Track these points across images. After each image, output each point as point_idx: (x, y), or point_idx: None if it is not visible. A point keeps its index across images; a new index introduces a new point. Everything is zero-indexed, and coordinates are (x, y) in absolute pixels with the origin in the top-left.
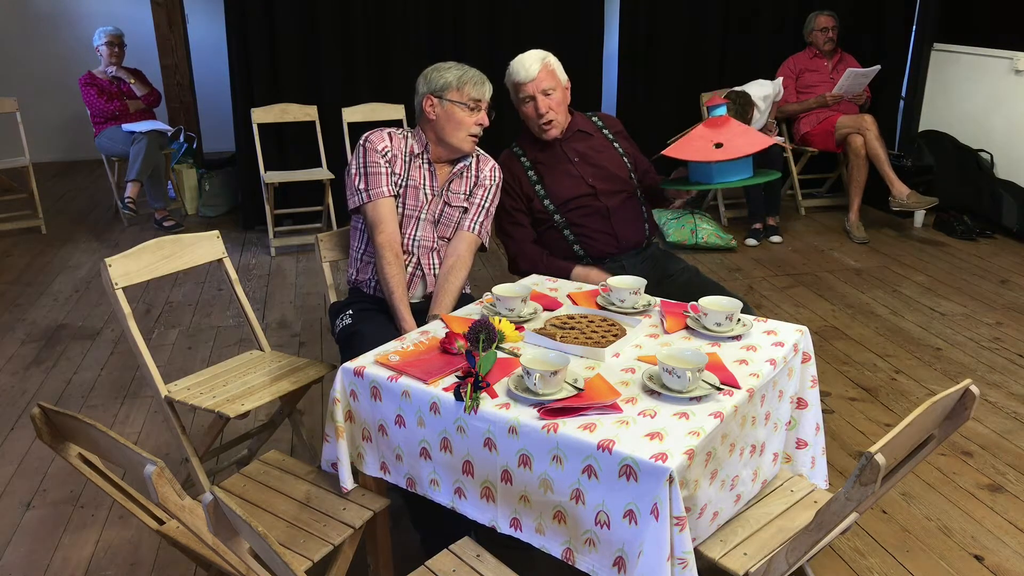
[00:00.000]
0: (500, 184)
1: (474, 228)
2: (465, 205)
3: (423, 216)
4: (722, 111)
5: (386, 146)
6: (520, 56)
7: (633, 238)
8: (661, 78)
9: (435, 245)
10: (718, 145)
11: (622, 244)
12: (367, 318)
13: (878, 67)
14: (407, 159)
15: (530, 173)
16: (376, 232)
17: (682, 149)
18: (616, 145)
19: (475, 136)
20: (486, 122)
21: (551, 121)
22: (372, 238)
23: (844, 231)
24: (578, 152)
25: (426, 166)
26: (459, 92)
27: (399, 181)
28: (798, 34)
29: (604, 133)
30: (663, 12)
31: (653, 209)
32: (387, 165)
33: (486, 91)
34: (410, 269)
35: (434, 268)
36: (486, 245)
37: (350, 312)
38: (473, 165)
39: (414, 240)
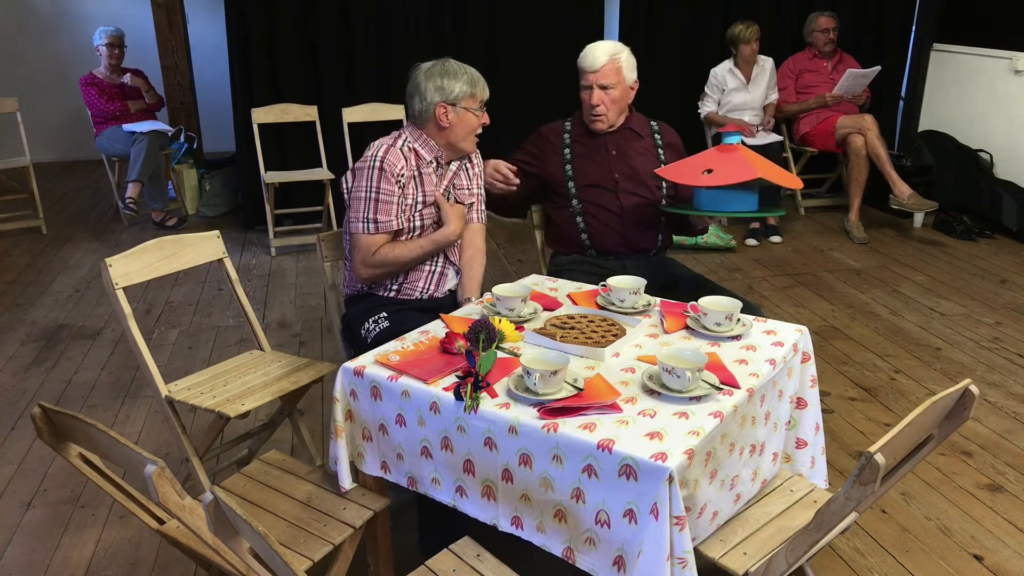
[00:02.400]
0: (482, 165)
1: (480, 218)
2: (473, 200)
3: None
4: (736, 139)
5: (402, 167)
6: (596, 43)
7: (641, 243)
8: (661, 78)
9: (458, 239)
10: (708, 171)
11: (628, 245)
12: (407, 318)
13: (878, 68)
14: (417, 174)
15: (566, 151)
16: (372, 254)
17: (673, 171)
18: (661, 155)
19: (478, 136)
20: (488, 120)
21: (600, 115)
22: (368, 258)
23: (844, 231)
24: (618, 147)
25: (439, 169)
26: (473, 98)
27: (412, 204)
28: (798, 34)
29: (655, 139)
30: (663, 12)
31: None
32: (400, 190)
33: (488, 92)
34: (439, 268)
35: (458, 261)
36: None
37: (384, 315)
38: (466, 158)
39: None
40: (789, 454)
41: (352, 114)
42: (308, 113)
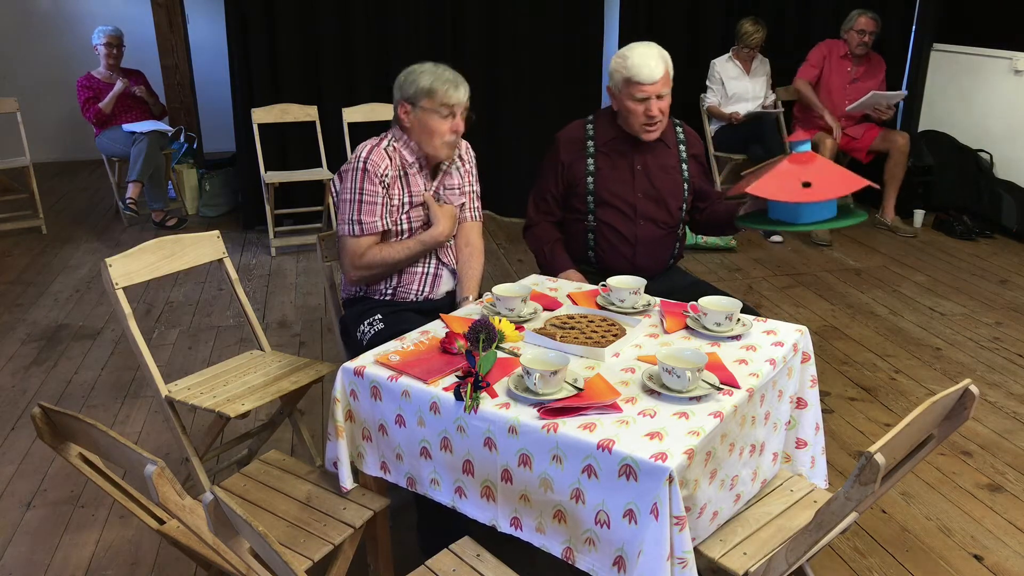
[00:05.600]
0: (474, 159)
1: (475, 216)
2: (464, 199)
3: (430, 220)
4: (806, 147)
5: (386, 167)
6: (641, 51)
7: (649, 270)
8: None
9: (450, 239)
10: (806, 184)
11: (636, 271)
12: (403, 319)
13: (905, 92)
14: (403, 175)
15: (589, 161)
16: (360, 256)
17: (767, 187)
18: (684, 167)
19: (451, 144)
20: (461, 128)
21: (657, 124)
22: (356, 260)
23: (883, 229)
24: (644, 163)
25: (423, 171)
26: (431, 99)
27: (399, 205)
28: (799, 34)
29: (680, 150)
30: (663, 12)
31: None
32: (384, 191)
33: (461, 95)
34: (431, 270)
35: (452, 262)
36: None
37: (379, 316)
38: (456, 156)
39: None
40: (789, 454)
41: (352, 114)
42: (308, 113)
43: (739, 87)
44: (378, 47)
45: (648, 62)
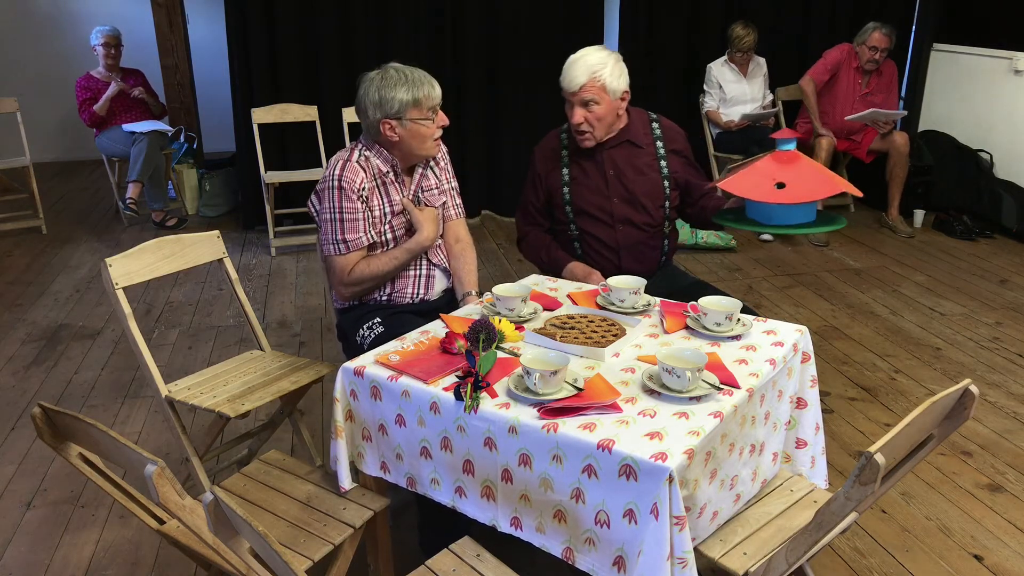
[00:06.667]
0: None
1: (459, 212)
2: (444, 198)
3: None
4: (791, 146)
5: (362, 180)
6: (575, 59)
7: (638, 272)
8: (661, 78)
9: (436, 242)
10: (780, 185)
11: (626, 274)
12: (402, 320)
13: (904, 112)
14: (380, 184)
15: (564, 171)
16: (348, 273)
17: (739, 184)
18: (663, 164)
19: (438, 138)
20: (447, 121)
21: (584, 134)
22: (345, 278)
23: (886, 229)
24: (616, 165)
25: (398, 178)
26: (418, 108)
27: (380, 216)
28: (798, 35)
29: (657, 147)
30: (663, 12)
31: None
32: (364, 205)
33: (438, 90)
34: (423, 271)
35: (443, 261)
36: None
37: (378, 320)
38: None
39: None
40: (789, 454)
41: (352, 114)
42: (308, 113)
43: (737, 90)
44: (378, 47)
45: (571, 70)
